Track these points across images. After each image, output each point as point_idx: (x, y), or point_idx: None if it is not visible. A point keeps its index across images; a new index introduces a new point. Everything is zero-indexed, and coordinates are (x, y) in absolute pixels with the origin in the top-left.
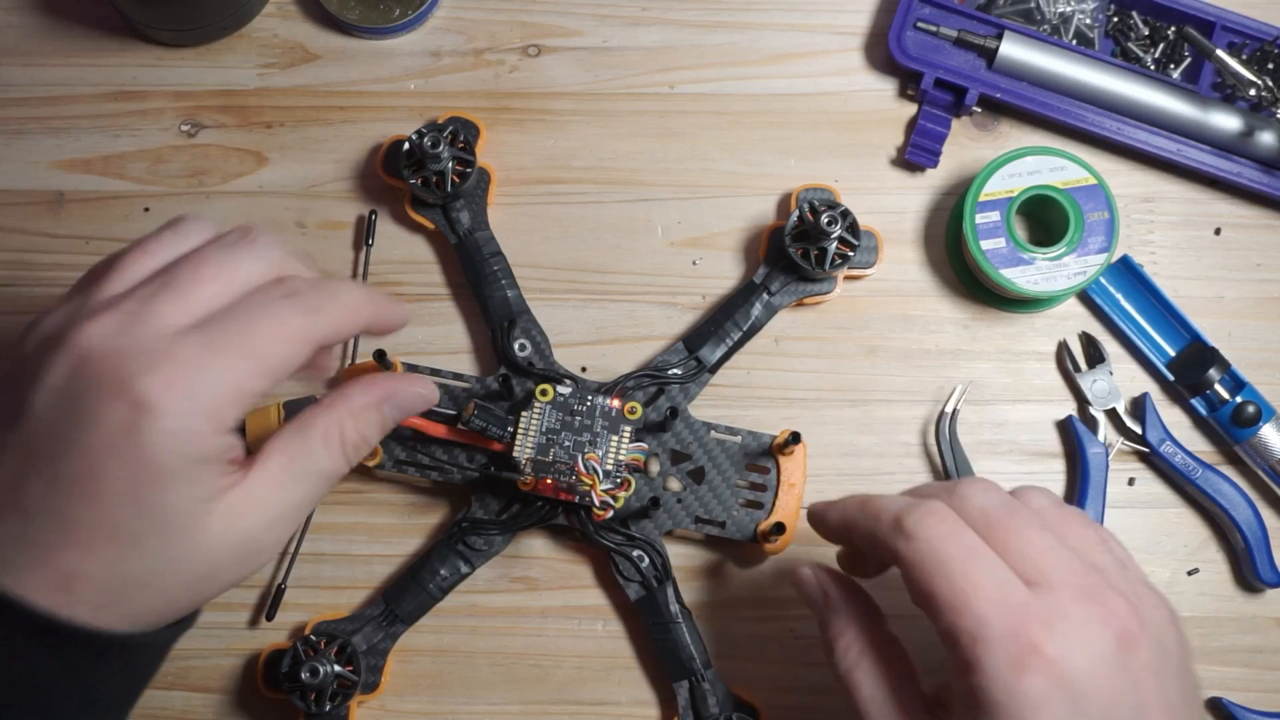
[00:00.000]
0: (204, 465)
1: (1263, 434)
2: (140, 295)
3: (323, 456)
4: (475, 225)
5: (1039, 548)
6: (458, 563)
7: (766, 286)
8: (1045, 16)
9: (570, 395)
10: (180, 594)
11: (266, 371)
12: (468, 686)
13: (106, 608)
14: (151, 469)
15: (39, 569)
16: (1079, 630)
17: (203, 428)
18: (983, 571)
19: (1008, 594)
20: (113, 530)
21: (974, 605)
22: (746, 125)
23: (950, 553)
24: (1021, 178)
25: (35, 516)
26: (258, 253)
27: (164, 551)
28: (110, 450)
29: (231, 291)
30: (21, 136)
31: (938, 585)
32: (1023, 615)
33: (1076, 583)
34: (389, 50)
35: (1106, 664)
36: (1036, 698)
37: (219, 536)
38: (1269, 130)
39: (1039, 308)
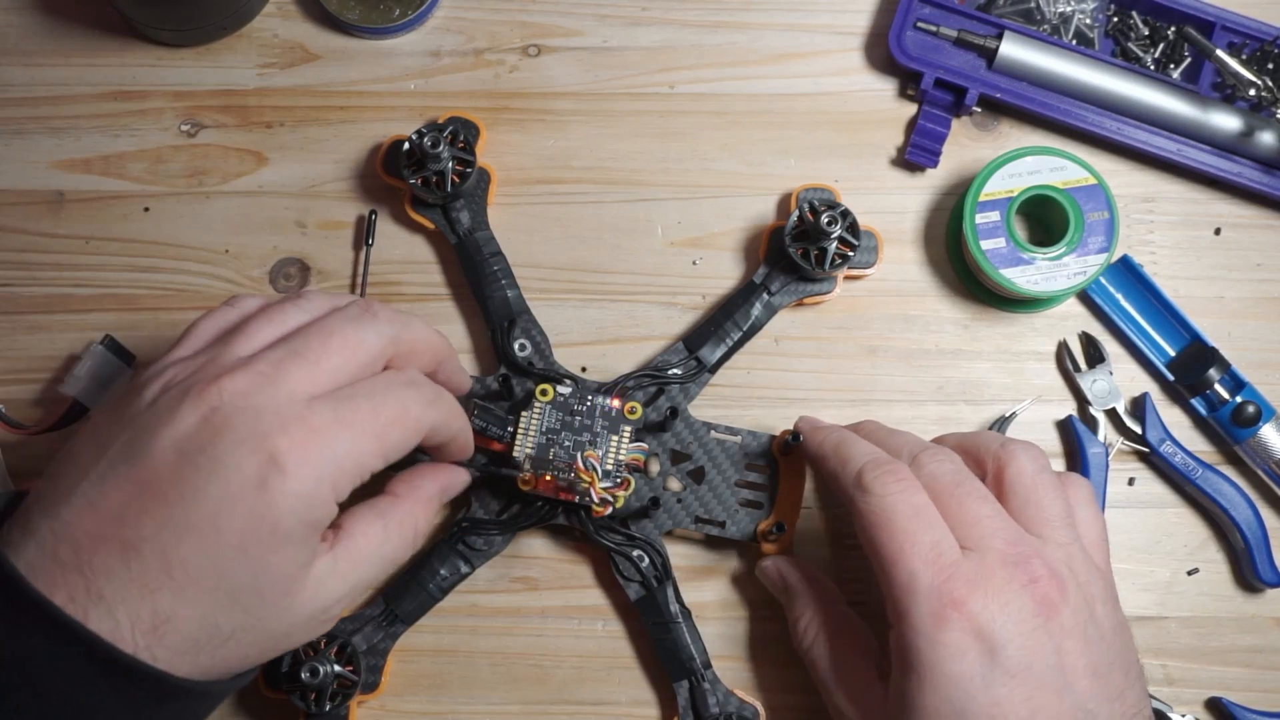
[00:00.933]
0: (314, 531)
1: (1263, 434)
2: (271, 359)
3: (396, 543)
4: (475, 225)
5: (976, 516)
6: (458, 563)
7: (766, 286)
8: (1045, 16)
9: (570, 395)
10: (254, 650)
11: (384, 452)
12: (468, 686)
13: (186, 655)
14: (270, 526)
15: (134, 607)
16: (1000, 591)
17: (325, 496)
18: (922, 530)
19: (940, 553)
20: (216, 580)
21: (908, 559)
22: (746, 125)
23: (897, 510)
24: (1021, 178)
25: (141, 553)
26: (379, 328)
27: (257, 610)
28: (235, 501)
29: (356, 363)
30: (21, 136)
31: (882, 538)
32: (950, 573)
33: (1005, 550)
34: (389, 50)
35: (1025, 624)
36: (955, 648)
37: (303, 604)
38: (1269, 130)
39: (1039, 308)
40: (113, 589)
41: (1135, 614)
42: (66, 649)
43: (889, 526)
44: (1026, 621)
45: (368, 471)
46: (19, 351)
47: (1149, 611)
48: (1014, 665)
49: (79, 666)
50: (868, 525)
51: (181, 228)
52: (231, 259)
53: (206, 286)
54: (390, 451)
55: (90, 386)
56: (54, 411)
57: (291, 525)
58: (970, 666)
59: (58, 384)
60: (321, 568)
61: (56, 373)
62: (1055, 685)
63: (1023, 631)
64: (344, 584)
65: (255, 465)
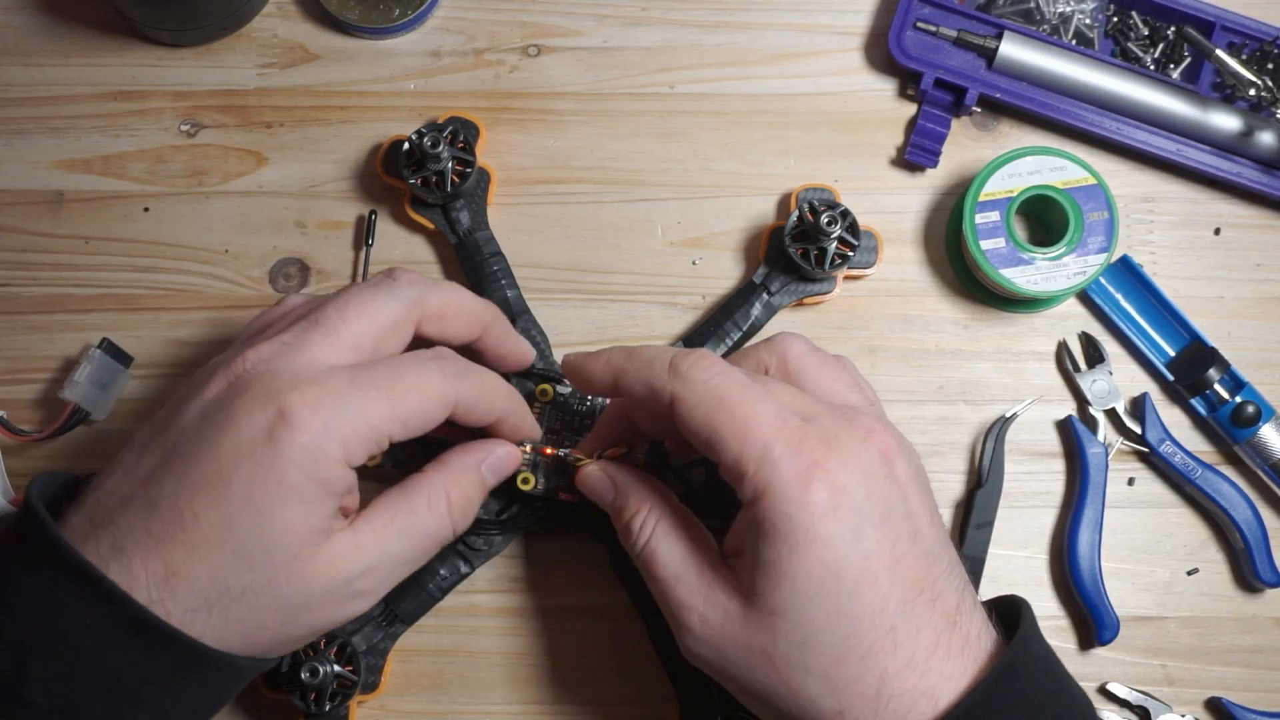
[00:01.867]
0: (325, 492)
1: (1262, 434)
2: (294, 330)
3: (426, 517)
4: (475, 225)
5: (791, 394)
6: (458, 563)
7: (766, 286)
8: (1045, 16)
9: (570, 395)
10: (270, 619)
11: (401, 418)
12: (468, 686)
13: (199, 613)
14: (276, 478)
15: (148, 558)
16: (849, 446)
17: (334, 453)
18: (760, 401)
19: (785, 420)
20: (224, 534)
21: (757, 432)
22: (746, 125)
23: (728, 388)
24: (1021, 178)
25: (159, 509)
26: (398, 291)
27: (264, 570)
28: (244, 454)
29: (377, 329)
30: (21, 136)
31: (720, 419)
32: (802, 435)
33: (835, 413)
34: (389, 50)
35: (876, 475)
36: (824, 506)
37: (317, 572)
38: (1269, 130)
39: (1039, 308)
40: (132, 542)
41: (1135, 614)
42: (99, 608)
43: (724, 405)
44: (876, 472)
45: (383, 437)
46: (19, 351)
47: (1149, 611)
48: (876, 516)
49: (110, 626)
50: (697, 410)
51: (181, 228)
52: (231, 259)
53: (206, 287)
54: (408, 419)
55: (90, 391)
56: (55, 417)
57: (298, 480)
58: (841, 524)
59: (58, 388)
60: (340, 541)
61: (56, 372)
62: (909, 531)
63: (877, 482)
64: (365, 558)
65: (265, 419)
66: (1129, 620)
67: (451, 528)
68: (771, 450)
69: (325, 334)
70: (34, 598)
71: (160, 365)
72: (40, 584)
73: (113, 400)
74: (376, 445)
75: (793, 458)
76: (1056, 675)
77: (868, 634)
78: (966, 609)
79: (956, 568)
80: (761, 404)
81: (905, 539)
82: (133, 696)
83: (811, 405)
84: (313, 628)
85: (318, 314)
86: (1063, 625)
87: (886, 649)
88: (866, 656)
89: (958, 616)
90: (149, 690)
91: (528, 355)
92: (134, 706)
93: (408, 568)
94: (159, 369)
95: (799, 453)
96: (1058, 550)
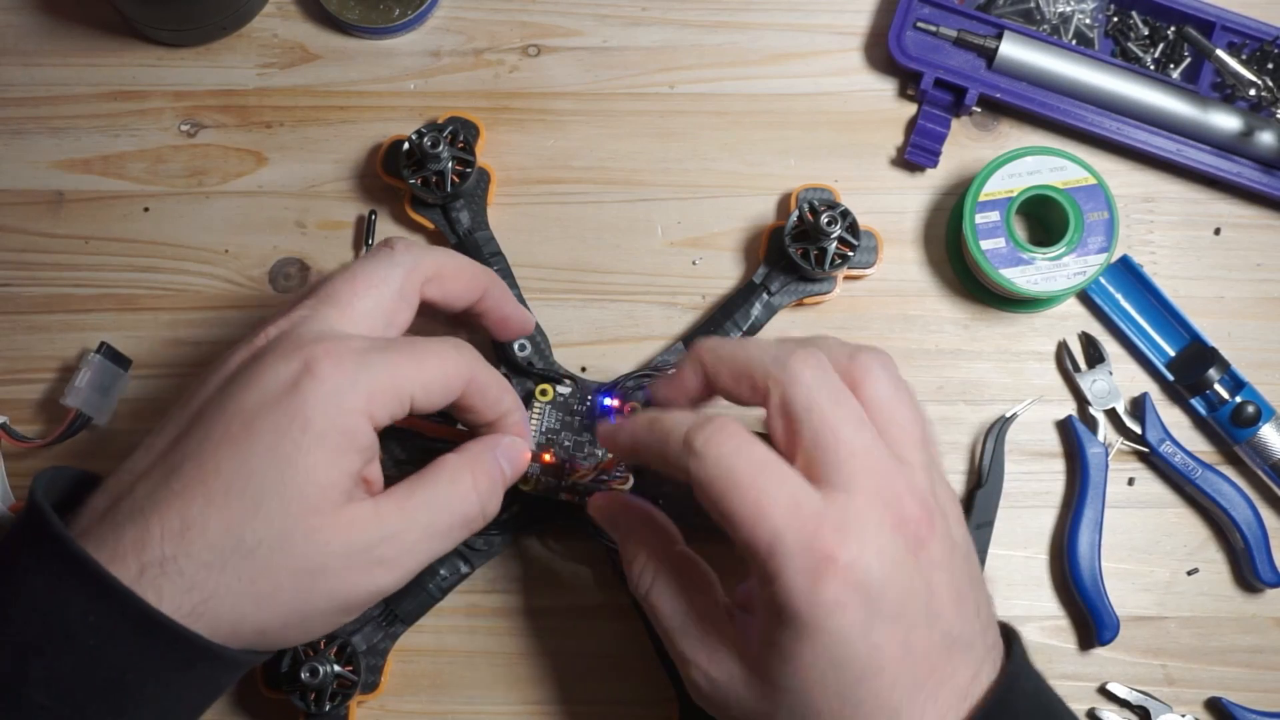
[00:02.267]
0: (348, 444)
1: (1262, 434)
2: (309, 304)
3: (449, 492)
4: (475, 225)
5: (850, 448)
6: (458, 563)
7: (766, 286)
8: (1045, 16)
9: (570, 395)
10: (285, 581)
11: (423, 380)
12: (468, 686)
13: (212, 567)
14: (302, 424)
15: (165, 513)
16: (872, 535)
17: (358, 403)
18: (774, 484)
19: (800, 504)
20: (245, 483)
21: (768, 519)
22: (746, 125)
23: (741, 469)
24: (1021, 178)
25: (181, 468)
26: (396, 258)
27: (282, 521)
28: (269, 404)
29: (385, 299)
30: (21, 136)
31: (732, 502)
32: (816, 525)
33: (874, 489)
34: (389, 50)
35: (898, 565)
36: (834, 603)
37: (336, 532)
38: (1269, 130)
39: (1039, 308)
40: (151, 504)
41: (1135, 614)
42: (102, 604)
43: (736, 488)
44: (901, 564)
45: (405, 396)
46: (19, 352)
47: (1149, 611)
48: (891, 609)
49: (113, 623)
50: (712, 490)
51: (181, 228)
52: (231, 259)
53: (206, 287)
54: (430, 383)
55: (91, 396)
56: (55, 419)
57: (322, 426)
58: (850, 618)
59: (58, 389)
60: (362, 507)
61: (56, 373)
62: (927, 619)
63: (898, 575)
64: (386, 525)
65: (290, 371)
66: (1129, 620)
67: (479, 505)
68: (783, 540)
69: (339, 307)
70: (37, 595)
71: (160, 365)
72: (43, 582)
73: (114, 403)
74: (399, 404)
75: (804, 552)
76: (1048, 709)
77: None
78: (983, 677)
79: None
80: (774, 486)
81: (920, 628)
82: (135, 693)
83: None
84: (332, 600)
85: (327, 289)
86: (1063, 625)
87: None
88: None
89: (971, 687)
90: (152, 687)
91: (529, 319)
92: (137, 704)
93: (434, 542)
94: (159, 369)
95: (811, 548)
96: (1058, 550)
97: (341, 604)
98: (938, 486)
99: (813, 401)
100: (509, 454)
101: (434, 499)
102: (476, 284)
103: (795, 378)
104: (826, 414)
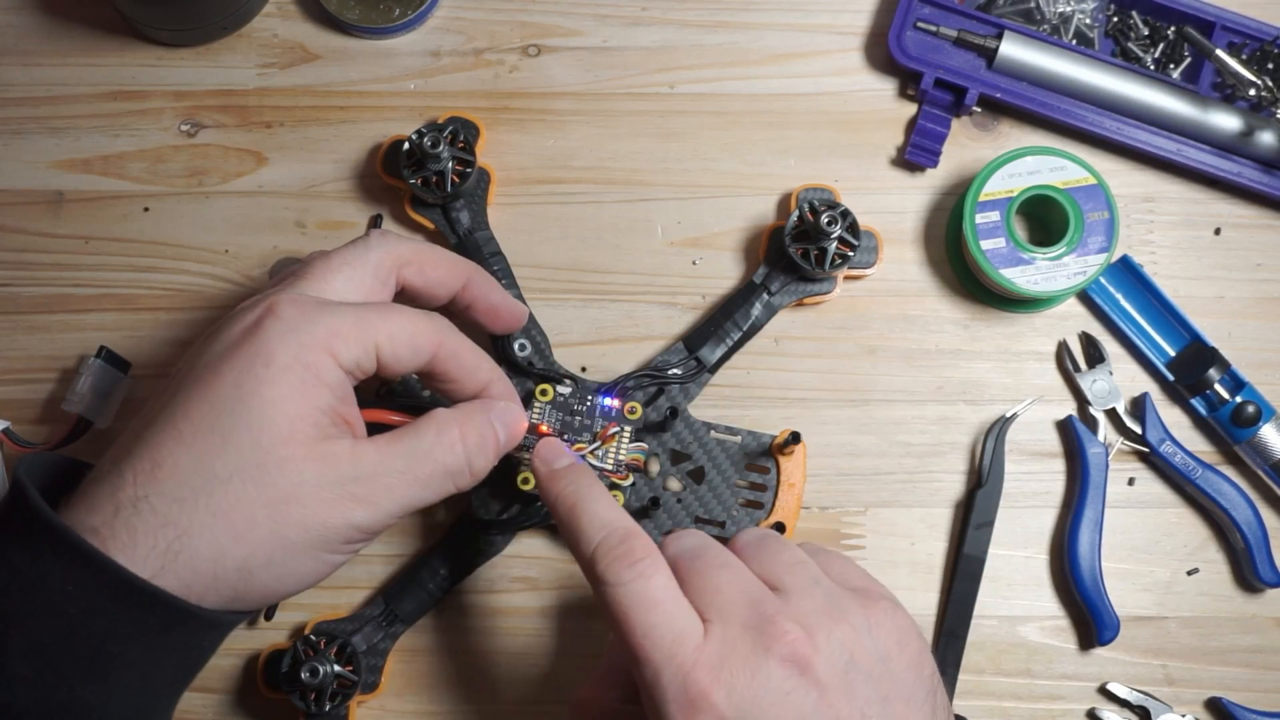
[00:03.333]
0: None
1: (1263, 434)
2: (287, 282)
3: (434, 442)
4: (475, 225)
5: (716, 585)
6: (458, 562)
7: (766, 286)
8: (1045, 16)
9: (570, 395)
10: (260, 514)
11: (389, 333)
12: (468, 686)
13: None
14: (264, 358)
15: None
16: (745, 665)
17: (317, 339)
18: (662, 623)
19: (682, 645)
20: (213, 420)
21: (650, 656)
22: (746, 125)
23: (633, 604)
24: (1021, 178)
25: (155, 421)
26: (373, 242)
27: (253, 452)
28: (233, 345)
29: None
30: (21, 136)
31: (623, 633)
32: (692, 664)
33: (747, 616)
34: (389, 50)
35: (776, 692)
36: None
37: (309, 463)
38: (1269, 130)
39: (1039, 308)
40: (126, 455)
41: (1135, 614)
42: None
43: (627, 621)
44: (778, 687)
45: (369, 343)
46: (19, 352)
47: (1149, 611)
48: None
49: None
50: (607, 615)
51: (181, 228)
52: (231, 259)
53: (206, 286)
54: (396, 334)
55: (93, 401)
56: (56, 420)
57: (284, 359)
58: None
59: (58, 389)
60: (338, 443)
61: (56, 372)
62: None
63: (775, 700)
64: (362, 463)
65: (253, 316)
66: (1129, 620)
67: (464, 457)
68: (660, 677)
69: (312, 280)
70: (17, 569)
71: (160, 365)
72: (24, 555)
73: (115, 406)
74: (363, 350)
75: (679, 690)
76: None
77: None
78: None
79: None
80: (662, 625)
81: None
82: (116, 660)
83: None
84: (307, 530)
85: (303, 267)
86: (1063, 625)
87: None
88: None
89: None
90: (132, 652)
91: (520, 309)
92: (118, 669)
93: (413, 488)
94: (159, 369)
95: (686, 684)
96: (1058, 550)
97: (319, 536)
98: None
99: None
100: (504, 418)
101: (418, 446)
102: (456, 270)
103: (677, 539)
104: (693, 564)
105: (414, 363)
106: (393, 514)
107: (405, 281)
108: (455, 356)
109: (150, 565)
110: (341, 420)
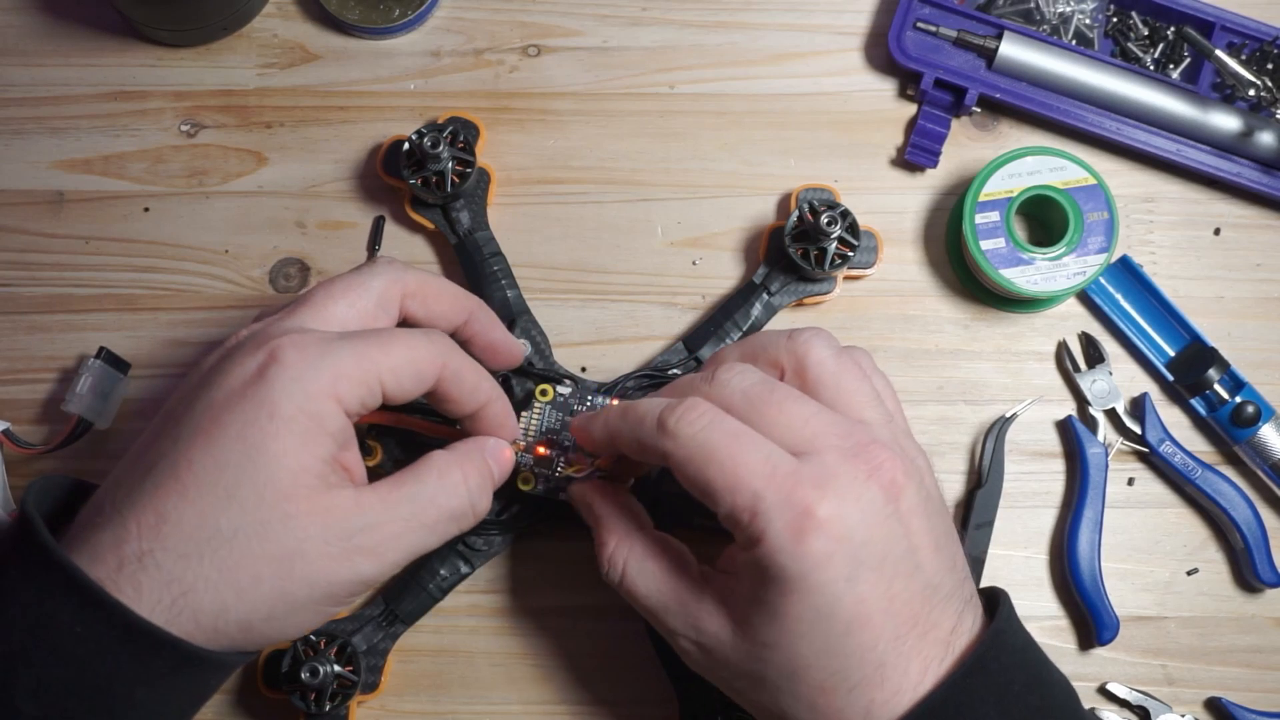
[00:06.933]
0: (318, 429)
1: (1262, 434)
2: (287, 310)
3: (436, 486)
4: (475, 225)
5: (801, 417)
6: (458, 563)
7: (766, 286)
8: (1045, 17)
9: (570, 395)
10: (265, 569)
11: (391, 366)
12: (468, 686)
13: (190, 559)
14: (269, 411)
15: (141, 511)
16: (848, 487)
17: (324, 386)
18: (749, 451)
19: (776, 466)
20: (217, 474)
21: (747, 483)
22: (746, 125)
23: (715, 441)
24: (1021, 178)
25: (157, 468)
26: (377, 270)
27: (257, 508)
28: (236, 395)
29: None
30: (21, 136)
31: (710, 474)
32: (794, 483)
33: (839, 444)
34: (389, 50)
35: (877, 514)
36: (819, 556)
37: (313, 518)
38: (1269, 130)
39: (1039, 308)
40: (129, 503)
41: (1135, 614)
42: (88, 614)
43: (713, 460)
44: (879, 511)
45: (374, 381)
46: (19, 352)
47: (1149, 611)
48: (874, 559)
49: (99, 633)
50: (689, 466)
51: (181, 228)
52: (231, 259)
53: (206, 287)
54: (399, 366)
55: (93, 402)
56: (56, 420)
57: (290, 412)
58: (834, 571)
59: (58, 389)
60: (341, 494)
61: (56, 373)
62: (908, 568)
63: (878, 523)
64: (366, 513)
65: (256, 362)
66: (1129, 620)
67: (468, 500)
68: (763, 500)
69: (314, 308)
70: (26, 605)
71: (160, 366)
72: (31, 592)
73: (115, 407)
74: (367, 389)
75: (785, 509)
76: (1034, 666)
77: (856, 670)
78: (964, 629)
79: (959, 588)
80: (750, 453)
81: (902, 577)
82: (123, 700)
83: (818, 437)
84: (313, 587)
85: (305, 295)
86: (1063, 625)
87: (874, 682)
88: (854, 690)
89: (952, 638)
90: (139, 693)
91: (517, 349)
92: (125, 709)
93: (419, 534)
94: (159, 369)
95: (790, 503)
96: (1058, 550)
97: (324, 593)
98: (903, 439)
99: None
100: (495, 454)
101: (420, 492)
102: (459, 305)
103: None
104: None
105: (418, 390)
106: (398, 564)
107: (408, 313)
108: (457, 377)
109: (155, 619)
110: (342, 468)
